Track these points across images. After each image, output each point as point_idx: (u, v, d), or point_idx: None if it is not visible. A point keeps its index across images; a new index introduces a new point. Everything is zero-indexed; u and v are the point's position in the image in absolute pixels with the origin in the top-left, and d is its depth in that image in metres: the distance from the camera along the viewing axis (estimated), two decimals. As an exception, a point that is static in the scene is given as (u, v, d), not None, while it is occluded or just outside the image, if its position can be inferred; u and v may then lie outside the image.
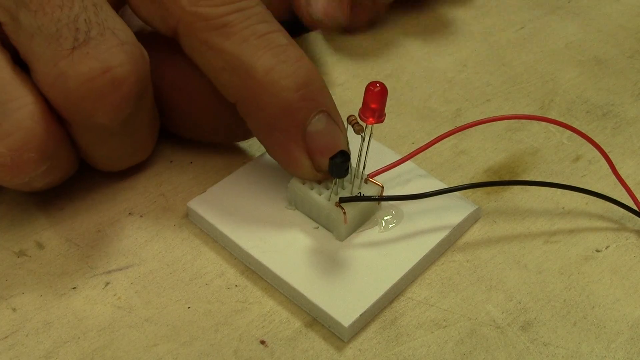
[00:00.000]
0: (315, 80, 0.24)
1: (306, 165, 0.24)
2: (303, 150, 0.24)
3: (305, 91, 0.23)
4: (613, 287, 0.25)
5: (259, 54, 0.23)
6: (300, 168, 0.24)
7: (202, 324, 0.23)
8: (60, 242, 0.25)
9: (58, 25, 0.22)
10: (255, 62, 0.23)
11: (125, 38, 0.23)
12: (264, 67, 0.23)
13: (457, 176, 0.29)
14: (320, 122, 0.24)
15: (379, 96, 0.23)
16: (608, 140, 0.31)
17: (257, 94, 0.23)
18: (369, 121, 0.23)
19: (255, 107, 0.24)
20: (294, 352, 0.23)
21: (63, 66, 0.22)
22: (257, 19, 0.24)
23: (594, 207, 0.28)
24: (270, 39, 0.24)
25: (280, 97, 0.23)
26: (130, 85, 0.22)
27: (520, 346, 0.23)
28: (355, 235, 0.25)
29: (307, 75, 0.24)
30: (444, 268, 0.25)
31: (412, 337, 0.23)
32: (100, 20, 0.22)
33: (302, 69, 0.24)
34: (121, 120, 0.23)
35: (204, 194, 0.26)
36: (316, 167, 0.24)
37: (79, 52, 0.22)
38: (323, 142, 0.24)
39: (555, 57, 0.36)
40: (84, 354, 0.22)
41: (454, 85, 0.34)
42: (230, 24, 0.23)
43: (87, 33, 0.22)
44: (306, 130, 0.24)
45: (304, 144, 0.24)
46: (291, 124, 0.24)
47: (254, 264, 0.25)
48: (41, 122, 0.22)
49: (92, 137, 0.24)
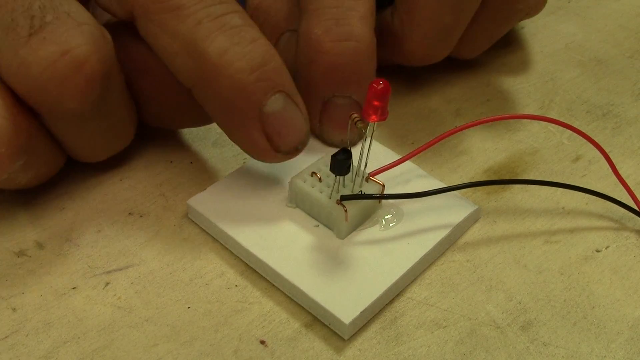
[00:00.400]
0: (271, 61, 0.24)
1: (265, 147, 0.24)
2: (260, 131, 0.24)
3: (260, 72, 0.23)
4: (613, 287, 0.25)
5: (212, 37, 0.23)
6: (259, 150, 0.24)
7: (202, 324, 0.23)
8: (60, 242, 0.25)
9: (13, 15, 0.22)
10: (208, 45, 0.23)
11: (82, 19, 0.22)
12: (218, 50, 0.23)
13: (457, 176, 0.29)
14: (277, 103, 0.24)
15: (382, 93, 0.22)
16: (608, 140, 0.31)
17: (212, 78, 0.23)
18: (371, 119, 0.23)
19: (210, 90, 0.24)
20: (294, 352, 0.23)
21: (23, 54, 0.22)
22: (212, 1, 0.23)
23: (594, 207, 0.28)
24: (224, 20, 0.23)
25: (234, 79, 0.23)
26: (92, 65, 0.22)
27: (520, 346, 0.23)
28: (356, 233, 0.25)
29: (263, 56, 0.23)
30: (444, 268, 0.25)
31: (412, 337, 0.23)
32: (55, 5, 0.22)
33: (257, 50, 0.23)
34: (91, 103, 0.23)
35: (204, 191, 0.26)
36: (275, 148, 0.24)
37: (36, 38, 0.22)
38: (280, 122, 0.24)
39: (555, 57, 0.36)
40: (84, 354, 0.22)
41: (454, 85, 0.34)
42: (184, 6, 0.23)
43: (42, 19, 0.22)
44: (263, 111, 0.23)
45: (261, 125, 0.24)
46: (247, 106, 0.23)
47: (255, 262, 0.25)
48: (7, 116, 0.22)
49: (66, 125, 0.24)
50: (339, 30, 0.26)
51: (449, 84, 0.34)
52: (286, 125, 0.24)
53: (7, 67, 0.22)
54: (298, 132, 0.24)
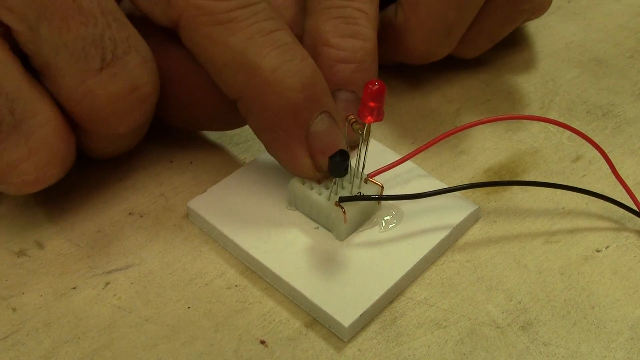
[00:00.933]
0: (319, 81, 0.24)
1: (308, 165, 0.24)
2: (305, 149, 0.24)
3: (309, 91, 0.23)
4: (613, 287, 0.25)
5: (264, 52, 0.23)
6: (301, 167, 0.25)
7: (202, 324, 0.23)
8: (60, 242, 0.25)
9: (84, 43, 0.22)
10: (261, 60, 0.23)
11: (146, 55, 0.23)
12: (270, 66, 0.23)
13: (457, 176, 0.29)
14: (323, 123, 0.24)
15: (377, 94, 0.23)
16: (608, 140, 0.31)
17: (262, 93, 0.23)
18: (367, 120, 0.23)
19: (258, 105, 0.24)
20: (294, 352, 0.23)
21: (91, 85, 0.22)
22: (263, 16, 0.24)
23: (594, 207, 0.28)
24: (276, 37, 0.24)
25: (285, 96, 0.23)
26: (153, 100, 0.24)
27: (520, 346, 0.23)
28: (355, 235, 0.25)
29: (312, 76, 0.24)
30: (444, 268, 0.25)
31: (412, 337, 0.23)
32: (124, 38, 0.22)
33: (307, 69, 0.24)
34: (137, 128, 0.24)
35: (204, 194, 0.26)
36: (317, 166, 0.24)
37: (107, 72, 0.22)
38: (325, 142, 0.24)
39: (555, 57, 0.36)
40: (84, 354, 0.22)
41: (454, 85, 0.34)
42: (236, 19, 0.23)
43: (113, 52, 0.22)
44: (309, 130, 0.24)
45: (307, 144, 0.24)
46: (295, 124, 0.24)
47: (254, 264, 0.25)
48: (64, 138, 0.23)
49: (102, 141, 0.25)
50: (347, 28, 0.27)
51: (449, 84, 0.34)
52: (329, 145, 0.24)
53: (70, 91, 0.22)
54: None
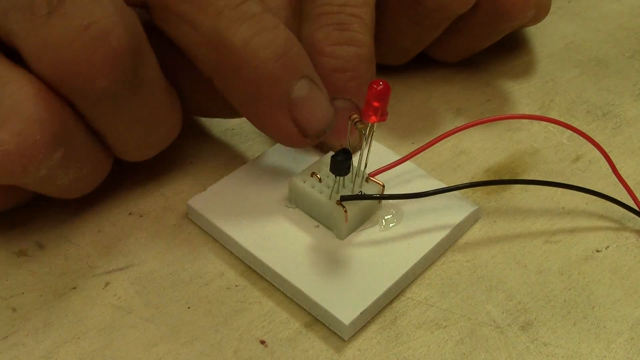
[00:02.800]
0: (293, 46, 0.24)
1: (294, 133, 0.24)
2: (289, 118, 0.24)
3: (285, 59, 0.23)
4: (613, 287, 0.25)
5: (235, 26, 0.23)
6: (288, 136, 0.24)
7: (202, 324, 0.23)
8: (60, 242, 0.25)
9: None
10: (232, 35, 0.23)
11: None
12: (242, 40, 0.23)
13: (457, 176, 0.29)
14: (303, 88, 0.24)
15: (381, 94, 0.23)
16: (608, 140, 0.31)
17: (237, 67, 0.23)
18: (371, 119, 0.23)
19: (235, 80, 0.24)
20: (294, 352, 0.23)
21: (44, 34, 0.20)
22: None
23: (594, 207, 0.28)
24: (245, 9, 0.23)
25: (261, 68, 0.23)
26: (118, 36, 0.21)
27: (520, 346, 0.23)
28: (356, 234, 0.25)
29: (285, 43, 0.23)
30: (444, 268, 0.25)
31: (412, 337, 0.23)
32: None
33: (279, 37, 0.23)
34: (123, 80, 0.22)
35: (204, 192, 0.26)
36: (304, 133, 0.24)
37: (56, 15, 0.20)
38: (308, 107, 0.24)
39: (555, 57, 0.36)
40: (84, 354, 0.22)
41: (454, 85, 0.34)
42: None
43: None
44: (291, 97, 0.24)
45: (290, 112, 0.24)
46: (275, 94, 0.23)
47: (254, 262, 0.25)
48: (40, 102, 0.21)
49: (102, 110, 0.23)
50: (340, 35, 0.27)
51: (449, 84, 0.34)
52: (313, 109, 0.24)
53: (29, 51, 0.21)
54: (325, 115, 0.25)
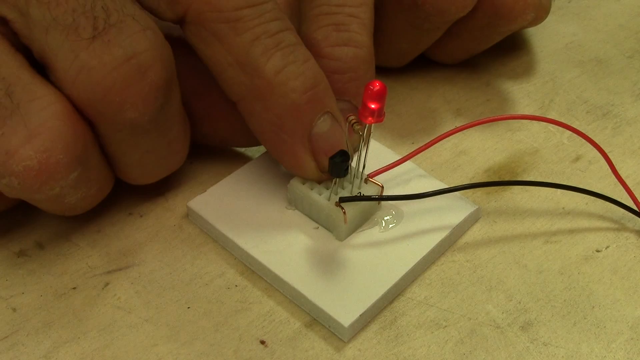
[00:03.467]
0: (322, 82, 0.24)
1: (311, 166, 0.24)
2: (308, 151, 0.24)
3: (312, 93, 0.23)
4: (613, 287, 0.25)
5: (269, 54, 0.23)
6: (305, 169, 0.25)
7: (202, 324, 0.23)
8: (60, 242, 0.25)
9: (74, 15, 0.20)
10: (265, 61, 0.23)
11: (145, 24, 0.22)
12: (274, 68, 0.23)
13: (457, 176, 0.29)
14: (325, 124, 0.24)
15: (378, 95, 0.23)
16: (608, 140, 0.31)
17: (265, 94, 0.23)
18: (368, 120, 0.23)
19: (261, 106, 0.24)
20: (294, 352, 0.23)
21: (84, 58, 0.20)
22: (271, 16, 0.23)
23: (594, 207, 0.28)
24: (281, 38, 0.23)
25: (288, 98, 0.23)
26: (156, 72, 0.21)
27: (520, 346, 0.23)
28: (355, 235, 0.25)
29: (315, 77, 0.24)
30: (444, 268, 0.25)
31: (412, 337, 0.23)
32: (118, 7, 0.21)
33: (310, 70, 0.24)
34: (150, 114, 0.22)
35: (204, 194, 0.26)
36: (320, 167, 0.24)
37: (100, 41, 0.21)
38: (328, 143, 0.24)
39: (555, 57, 0.36)
40: (84, 354, 0.22)
41: (454, 85, 0.34)
42: (243, 18, 0.23)
43: (106, 20, 0.21)
44: (312, 131, 0.24)
45: (310, 145, 0.24)
46: (298, 125, 0.24)
47: (254, 264, 0.25)
48: (67, 121, 0.21)
49: (123, 138, 0.23)
50: (338, 36, 0.27)
51: (449, 84, 0.34)
52: (332, 145, 0.24)
53: (65, 71, 0.21)
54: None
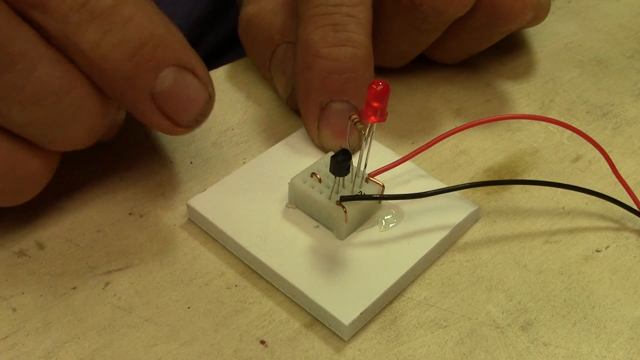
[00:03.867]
0: (150, 37, 0.21)
1: (168, 126, 0.23)
2: (158, 112, 0.22)
3: (138, 57, 0.21)
4: (613, 287, 0.25)
5: (82, 29, 0.21)
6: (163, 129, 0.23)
7: (202, 324, 0.23)
8: (60, 242, 0.25)
9: None
10: (80, 39, 0.21)
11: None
12: (91, 43, 0.21)
13: (457, 176, 0.29)
14: (166, 80, 0.22)
15: (381, 95, 0.23)
16: (608, 140, 0.31)
17: (94, 73, 0.22)
18: (371, 119, 0.23)
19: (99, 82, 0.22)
20: (294, 352, 0.23)
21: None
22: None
23: (594, 207, 0.28)
24: (92, 6, 0.21)
25: (114, 71, 0.21)
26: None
27: (520, 346, 0.23)
28: (356, 234, 0.25)
29: (139, 37, 0.21)
30: (444, 268, 0.25)
31: (412, 337, 0.23)
32: None
33: (131, 33, 0.21)
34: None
35: (204, 192, 0.26)
36: (175, 124, 0.23)
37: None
38: (173, 98, 0.22)
39: (555, 57, 0.36)
40: (84, 354, 0.22)
41: (454, 85, 0.34)
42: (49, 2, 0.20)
43: None
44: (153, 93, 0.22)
45: (156, 106, 0.22)
46: (136, 93, 0.22)
47: (254, 263, 0.25)
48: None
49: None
50: (336, 36, 0.26)
51: (449, 84, 0.34)
52: (179, 99, 0.22)
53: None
54: (194, 103, 0.23)
